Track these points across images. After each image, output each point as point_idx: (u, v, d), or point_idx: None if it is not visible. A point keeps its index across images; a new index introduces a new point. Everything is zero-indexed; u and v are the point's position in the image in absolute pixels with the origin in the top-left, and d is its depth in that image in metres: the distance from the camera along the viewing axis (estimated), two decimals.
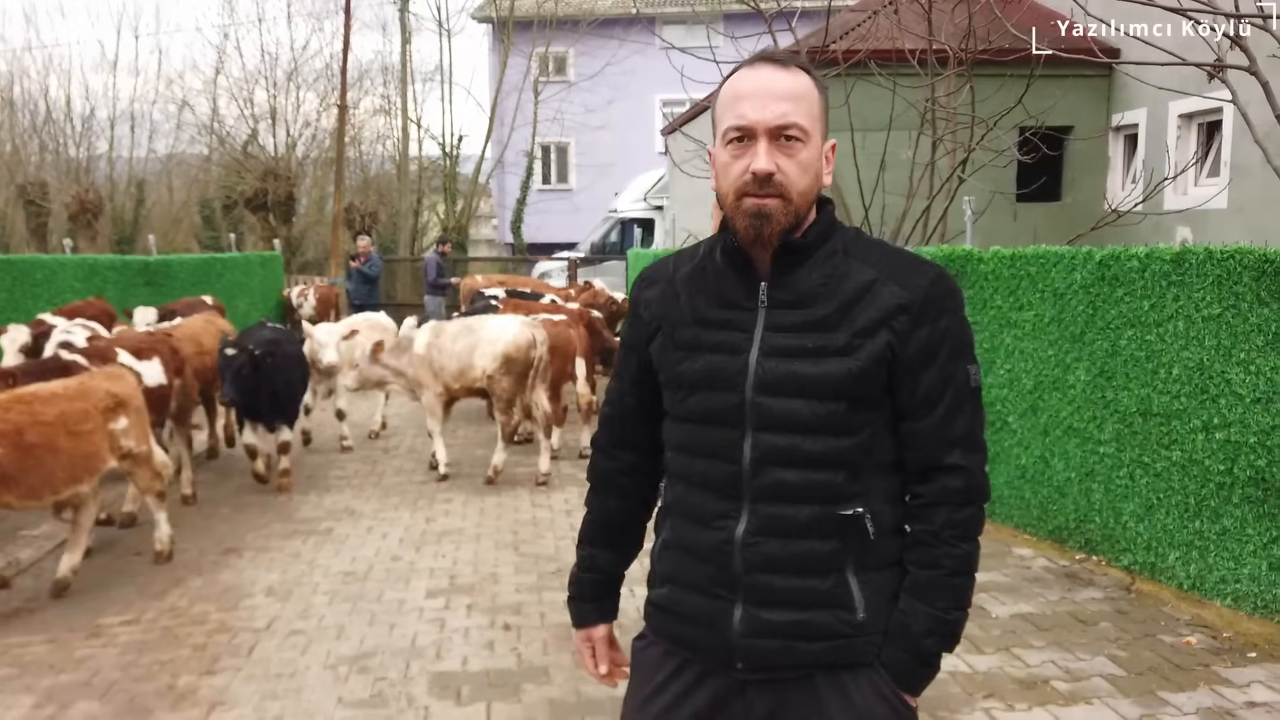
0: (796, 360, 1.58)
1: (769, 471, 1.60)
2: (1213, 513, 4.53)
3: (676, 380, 1.69)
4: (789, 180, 1.57)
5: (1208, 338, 4.53)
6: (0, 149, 28.40)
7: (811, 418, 1.58)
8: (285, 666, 4.10)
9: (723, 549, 1.63)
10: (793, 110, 1.56)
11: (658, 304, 1.74)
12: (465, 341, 7.17)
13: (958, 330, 1.62)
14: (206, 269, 13.96)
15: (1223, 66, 4.89)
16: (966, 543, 1.62)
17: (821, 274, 1.61)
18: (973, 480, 1.62)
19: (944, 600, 1.60)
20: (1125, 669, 3.92)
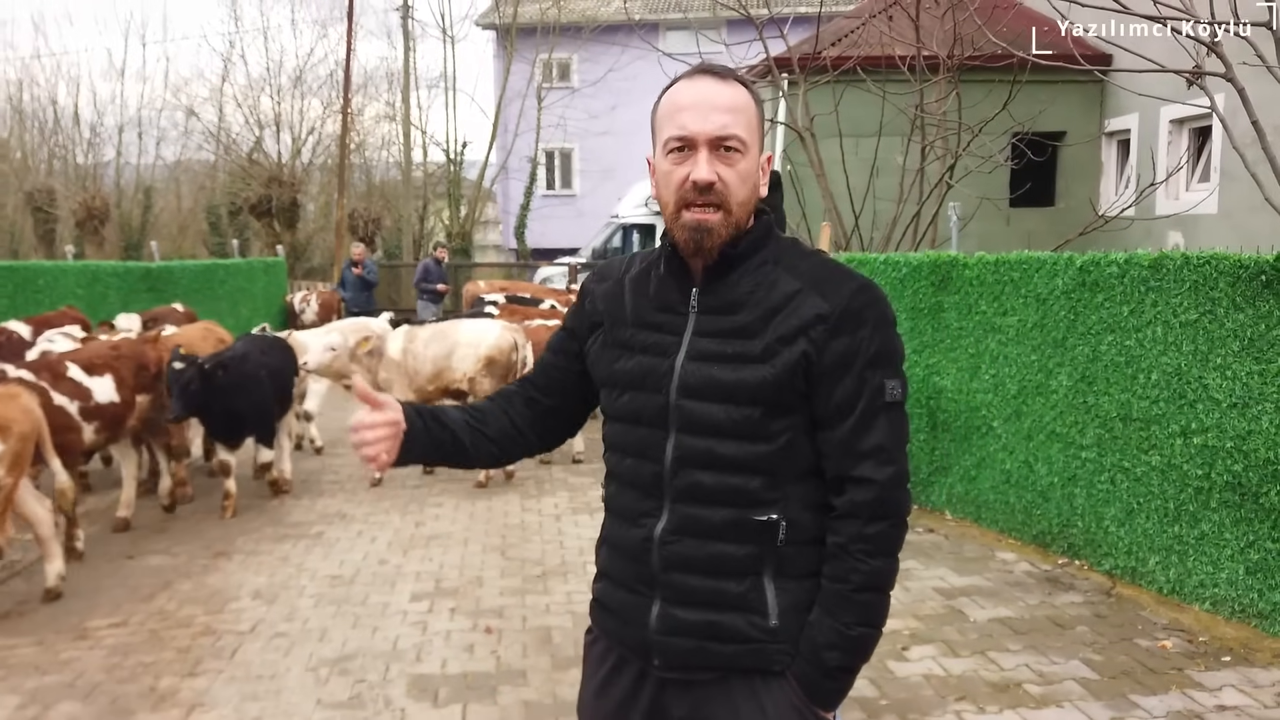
0: (716, 365, 1.61)
1: (687, 473, 1.63)
2: (1191, 517, 4.55)
3: (612, 379, 1.73)
4: (729, 190, 1.59)
5: (1185, 343, 4.55)
6: (9, 156, 28.62)
7: (727, 422, 1.60)
8: (267, 669, 4.15)
9: (644, 546, 1.67)
10: (732, 122, 1.59)
11: (604, 300, 1.79)
12: (440, 345, 7.22)
13: (877, 342, 1.61)
14: (209, 275, 14.06)
15: (1200, 74, 4.92)
16: (876, 558, 1.60)
17: (750, 282, 1.64)
18: (883, 493, 1.60)
19: (848, 615, 1.59)
20: (1099, 672, 3.94)
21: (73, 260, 12.26)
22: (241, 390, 6.35)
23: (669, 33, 24.75)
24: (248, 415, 6.48)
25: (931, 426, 6.35)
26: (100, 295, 11.46)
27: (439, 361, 7.18)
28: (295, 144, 26.62)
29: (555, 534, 6.07)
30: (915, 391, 6.44)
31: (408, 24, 23.99)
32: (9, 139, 29.08)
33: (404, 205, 24.66)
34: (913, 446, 6.53)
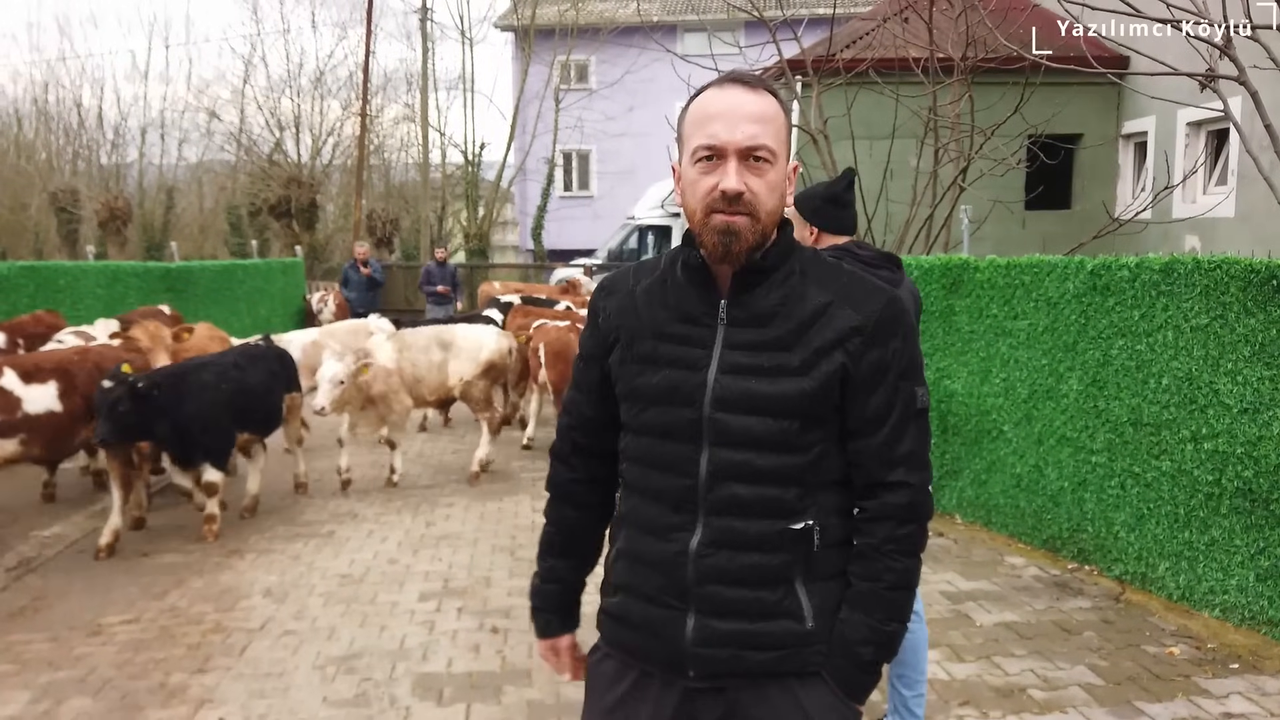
0: (753, 378, 1.62)
1: (724, 486, 1.64)
2: (1201, 523, 4.52)
3: (634, 393, 1.72)
4: (758, 200, 1.61)
5: (1196, 348, 4.52)
6: (34, 157, 29.00)
7: (766, 435, 1.62)
8: (275, 666, 4.19)
9: (676, 560, 1.67)
10: (762, 132, 1.60)
11: (617, 314, 1.76)
12: (439, 351, 7.15)
13: (907, 352, 1.67)
14: (228, 275, 14.19)
15: (1213, 76, 4.88)
16: (907, 558, 1.67)
17: (779, 295, 1.65)
18: (915, 497, 1.67)
19: (881, 612, 1.65)
20: (1104, 678, 3.92)
21: (93, 260, 12.39)
22: (186, 407, 5.77)
23: (686, 35, 24.80)
24: (197, 435, 5.87)
25: (942, 430, 6.33)
26: (120, 295, 11.59)
27: (440, 368, 7.13)
28: (315, 145, 26.85)
29: None
30: None
31: (427, 26, 24.14)
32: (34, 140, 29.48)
33: (422, 206, 24.80)
34: None
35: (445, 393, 7.35)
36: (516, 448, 8.78)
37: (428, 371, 7.12)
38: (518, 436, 9.32)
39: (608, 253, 19.55)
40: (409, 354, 7.06)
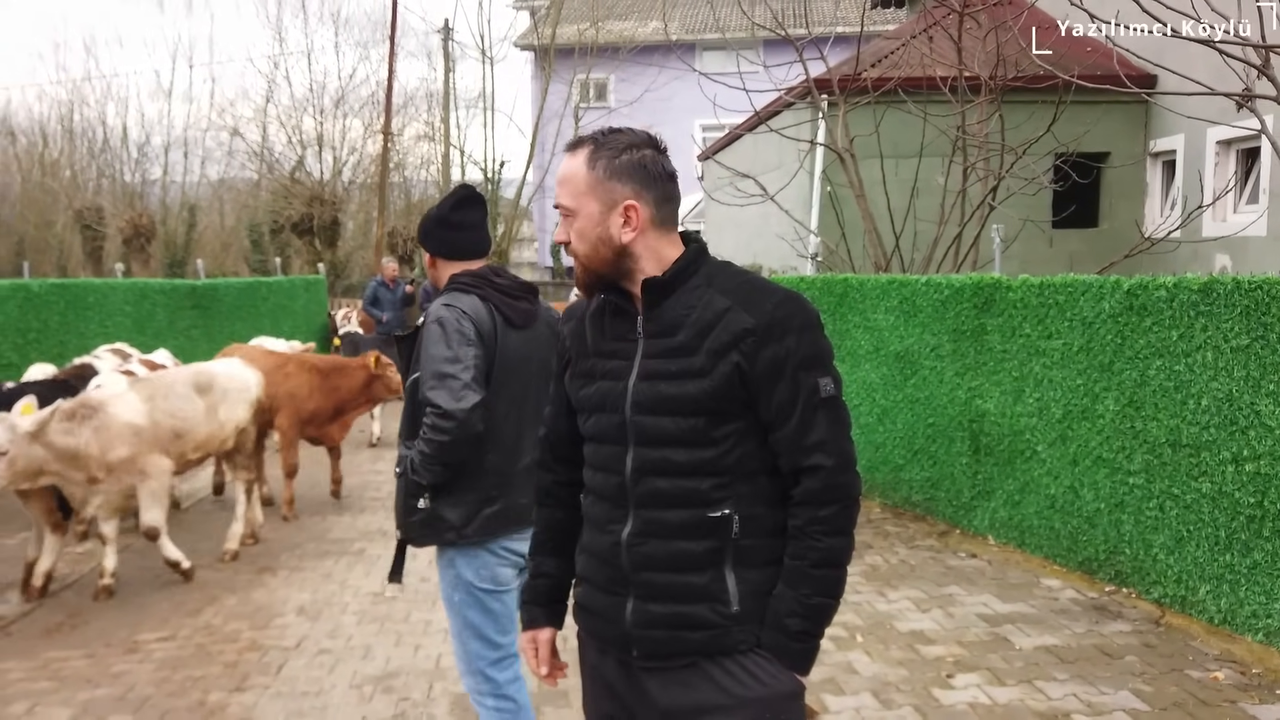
0: (663, 382, 1.81)
1: (646, 481, 1.82)
2: (1243, 546, 4.46)
3: (580, 404, 1.95)
4: (575, 246, 1.87)
5: (1236, 368, 4.48)
6: (59, 174, 29.37)
7: (677, 432, 1.79)
8: (312, 685, 4.19)
9: (614, 550, 1.85)
10: (563, 193, 1.87)
11: (569, 338, 2.00)
12: (197, 398, 5.77)
13: (803, 347, 1.78)
14: (252, 292, 14.31)
15: (1251, 96, 4.86)
16: (830, 537, 1.79)
17: (684, 305, 1.83)
18: (831, 479, 1.79)
19: (807, 587, 1.78)
20: (1149, 704, 3.87)
21: (121, 278, 12.52)
22: None
23: (705, 53, 24.89)
24: None
25: (974, 450, 6.29)
26: (148, 313, 11.70)
27: (208, 416, 5.79)
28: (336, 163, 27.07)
29: None
30: (957, 414, 6.39)
31: (448, 45, 24.34)
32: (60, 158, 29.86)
33: None
34: (955, 469, 6.48)
35: (216, 447, 6.01)
36: None
37: (194, 422, 5.69)
38: None
39: None
40: (163, 403, 5.56)
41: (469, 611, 2.84)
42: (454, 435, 2.64)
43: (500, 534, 2.81)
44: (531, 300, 2.93)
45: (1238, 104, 4.92)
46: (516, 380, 2.84)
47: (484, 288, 2.82)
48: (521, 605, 2.12)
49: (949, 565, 5.74)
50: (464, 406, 2.64)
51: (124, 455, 5.22)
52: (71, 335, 10.12)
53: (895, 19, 16.10)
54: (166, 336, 11.92)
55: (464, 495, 2.77)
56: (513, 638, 2.87)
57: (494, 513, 2.79)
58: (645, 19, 26.53)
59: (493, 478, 2.80)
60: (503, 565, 2.84)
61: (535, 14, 28.16)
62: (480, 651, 2.87)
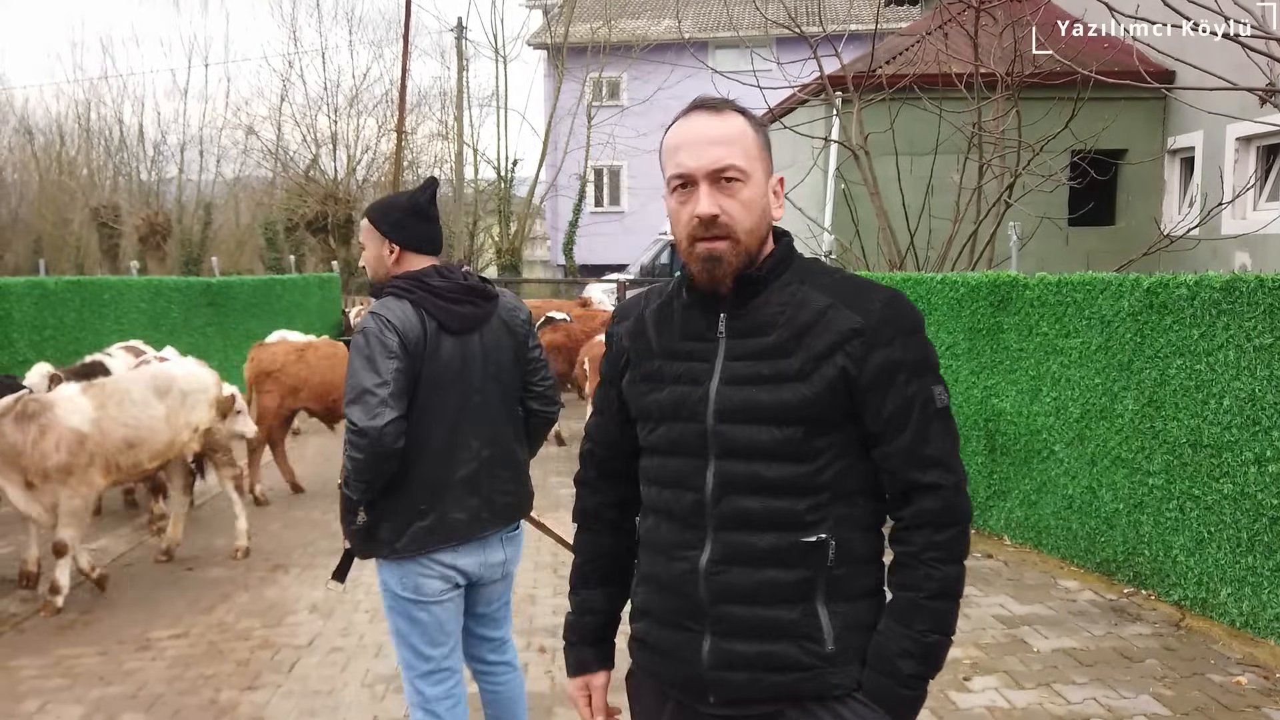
0: (753, 387, 1.61)
1: (731, 499, 1.61)
2: (1266, 548, 4.39)
3: (645, 412, 1.73)
4: (734, 220, 1.60)
5: (1259, 368, 4.41)
6: (76, 173, 29.55)
7: (770, 443, 1.59)
8: (324, 684, 4.18)
9: (688, 579, 1.64)
10: (728, 153, 1.60)
11: (628, 338, 1.79)
12: (156, 402, 5.45)
13: (915, 351, 1.62)
14: (266, 290, 14.34)
15: (1274, 91, 4.79)
16: (948, 565, 1.61)
17: (777, 303, 1.65)
18: (950, 500, 1.61)
19: (922, 623, 1.59)
20: (1170, 708, 3.81)
21: (137, 275, 12.57)
22: None
23: (719, 51, 24.81)
24: None
25: (990, 449, 6.23)
26: (163, 310, 11.74)
27: (167, 421, 5.46)
28: (350, 162, 27.12)
29: None
30: (973, 413, 6.33)
31: (461, 44, 24.36)
32: (76, 156, 30.05)
33: (455, 222, 24.96)
34: (970, 469, 6.41)
35: (175, 453, 5.64)
36: (554, 463, 8.76)
37: (151, 429, 5.35)
38: (555, 451, 9.32)
39: (639, 268, 19.58)
40: (116, 410, 5.21)
41: (396, 619, 2.79)
42: (368, 453, 2.54)
43: (430, 548, 2.70)
44: (478, 303, 2.77)
45: (1261, 99, 4.85)
46: (452, 389, 2.70)
47: (417, 292, 2.67)
48: (568, 647, 1.90)
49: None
50: (377, 424, 2.52)
51: (62, 463, 4.90)
52: (87, 333, 10.16)
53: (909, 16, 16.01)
54: (181, 334, 11.96)
55: (393, 509, 2.68)
56: (443, 651, 2.81)
57: (425, 527, 2.68)
58: (658, 17, 26.48)
59: (421, 491, 2.68)
60: (428, 577, 2.72)
61: (548, 12, 28.16)
62: (410, 661, 2.81)
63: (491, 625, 3.02)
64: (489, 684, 3.08)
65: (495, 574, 2.90)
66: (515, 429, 2.92)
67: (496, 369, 2.80)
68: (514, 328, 2.87)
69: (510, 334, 2.85)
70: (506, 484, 2.84)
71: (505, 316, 2.84)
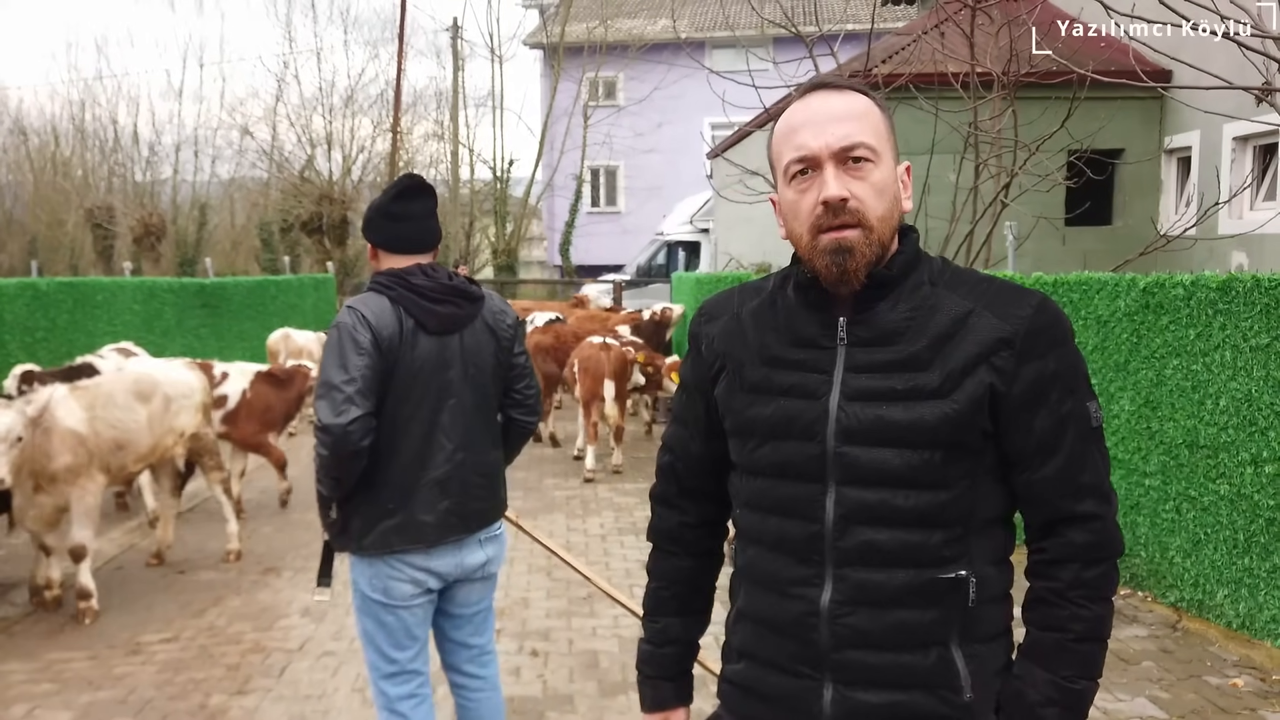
0: (884, 404, 1.41)
1: (856, 531, 1.42)
2: (1263, 549, 4.37)
3: (746, 427, 1.52)
4: (865, 205, 1.41)
5: (1256, 368, 4.39)
6: (71, 174, 29.49)
7: (904, 469, 1.40)
8: (315, 688, 4.14)
9: (806, 621, 1.45)
10: (856, 129, 1.41)
11: (721, 340, 1.58)
12: (140, 406, 5.37)
13: (1070, 364, 1.44)
14: (261, 291, 14.32)
15: (1270, 90, 4.77)
16: (1098, 604, 1.43)
17: (908, 307, 1.45)
18: (1105, 533, 1.44)
19: (1069, 668, 1.42)
20: (1167, 711, 3.79)
21: (130, 276, 12.53)
22: None
23: (716, 50, 24.80)
24: None
25: None
26: (156, 311, 11.71)
27: (152, 425, 5.40)
28: (346, 162, 27.08)
29: (601, 554, 6.03)
30: None
31: (457, 44, 24.33)
32: (71, 157, 29.98)
33: (451, 222, 24.92)
34: None
35: (158, 457, 5.60)
36: (550, 465, 8.74)
37: (137, 433, 5.30)
38: (550, 454, 9.29)
39: (636, 268, 19.54)
40: (104, 413, 5.16)
41: (363, 618, 2.76)
42: (332, 450, 2.51)
43: (398, 548, 2.66)
44: (460, 304, 2.72)
45: (1257, 98, 4.83)
46: (428, 389, 2.66)
47: (397, 289, 2.64)
48: (644, 680, 1.71)
49: None
50: (341, 421, 2.48)
51: (68, 464, 4.86)
52: (80, 334, 10.12)
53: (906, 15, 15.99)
54: (175, 335, 11.93)
55: (361, 506, 2.66)
56: (409, 654, 2.79)
57: (392, 526, 2.65)
58: (654, 17, 26.46)
59: (389, 490, 2.65)
60: (398, 580, 2.69)
61: (544, 12, 28.13)
62: (374, 662, 2.79)
63: (471, 630, 2.96)
64: (465, 698, 3.01)
65: (474, 575, 2.85)
66: (493, 434, 2.87)
67: (476, 372, 2.75)
68: (498, 332, 2.82)
69: (494, 338, 2.80)
70: (479, 490, 2.79)
71: (490, 320, 2.80)
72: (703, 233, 18.23)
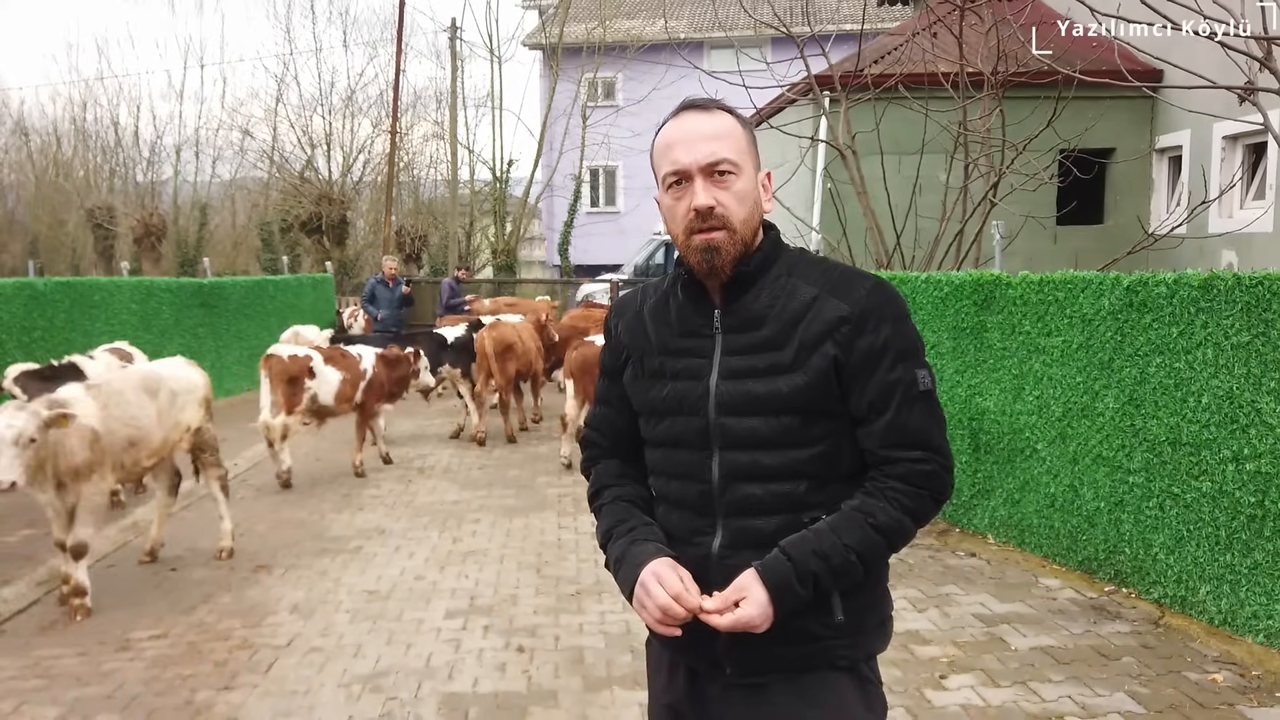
0: (750, 380, 1.67)
1: (736, 487, 1.68)
2: (1244, 545, 4.40)
3: (648, 407, 1.79)
4: (729, 211, 1.66)
5: (1237, 365, 4.42)
6: (72, 174, 29.55)
7: (769, 433, 1.65)
8: (301, 684, 4.18)
9: (703, 563, 1.69)
10: (720, 147, 1.66)
11: (626, 334, 1.85)
12: (149, 401, 5.48)
13: (900, 336, 1.67)
14: (259, 291, 14.35)
15: (1253, 89, 4.79)
16: (905, 515, 1.65)
17: (769, 296, 1.70)
18: (932, 474, 1.66)
19: (853, 539, 1.61)
20: (1144, 705, 3.81)
21: (127, 276, 12.56)
22: None
23: (713, 51, 24.84)
24: None
25: (974, 448, 6.23)
26: (154, 311, 11.74)
27: (162, 420, 5.53)
28: (345, 162, 27.13)
29: (591, 552, 6.06)
30: (957, 412, 6.33)
31: (456, 45, 24.35)
32: (72, 158, 30.06)
33: (450, 222, 24.95)
34: (955, 468, 6.39)
35: (168, 451, 5.71)
36: (543, 463, 8.77)
37: (149, 428, 5.42)
38: (543, 452, 9.32)
39: (634, 268, 19.57)
40: (118, 410, 5.23)
41: None
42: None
43: None
44: None
45: (1240, 97, 4.85)
46: None
47: None
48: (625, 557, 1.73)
49: (947, 564, 5.68)
50: None
51: (87, 459, 4.92)
52: (77, 334, 10.15)
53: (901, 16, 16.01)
54: (173, 335, 11.97)
55: None
56: None
57: None
58: (653, 17, 26.48)
59: None
60: None
61: (543, 13, 28.16)
62: None
63: None
64: None
65: None
66: None
67: None
68: None
69: None
70: None
71: None
72: None
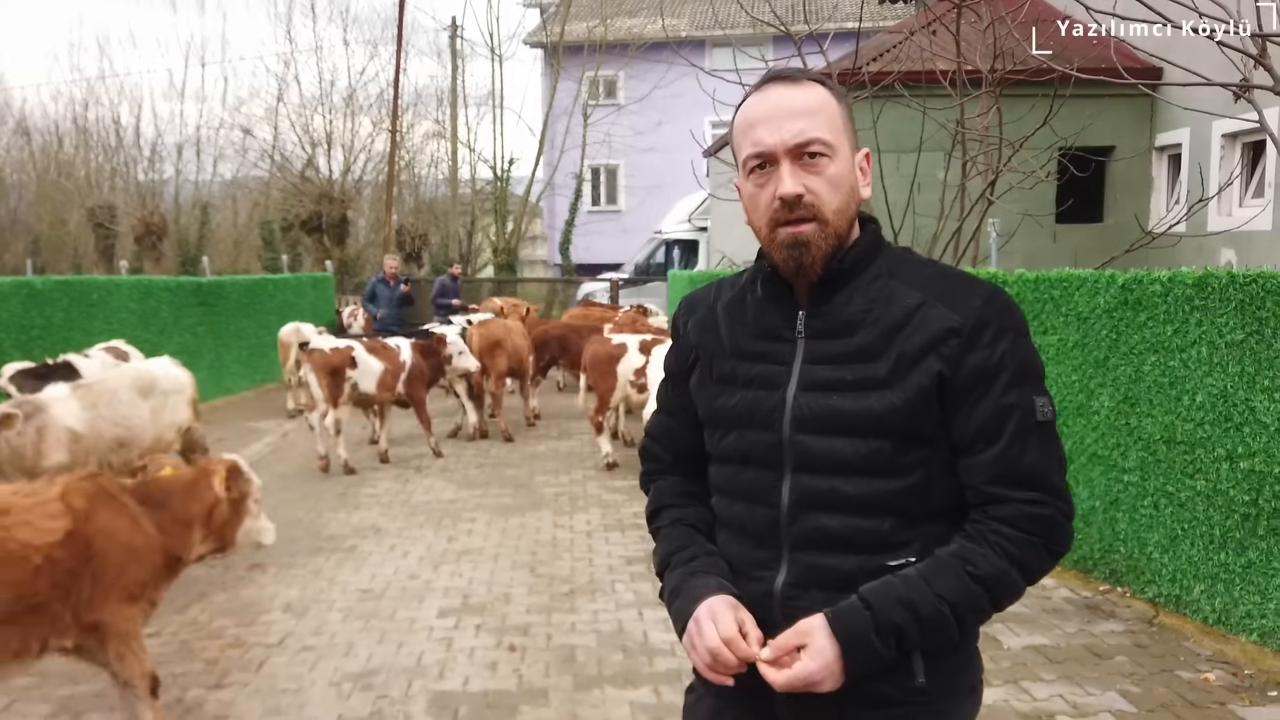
0: (835, 394, 1.45)
1: (809, 517, 1.46)
2: (1238, 544, 4.38)
3: (714, 417, 1.58)
4: (820, 200, 1.45)
5: (1231, 364, 4.40)
6: (73, 173, 29.58)
7: (854, 457, 1.43)
8: (292, 682, 4.17)
9: (763, 602, 1.48)
10: (811, 125, 1.44)
11: (697, 332, 1.63)
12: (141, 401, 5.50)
13: (1018, 354, 1.43)
14: (259, 290, 14.36)
15: (1248, 86, 4.77)
16: (1011, 565, 1.40)
17: (864, 299, 1.48)
18: (1045, 519, 1.41)
19: (947, 590, 1.38)
20: (1136, 705, 3.80)
21: (126, 275, 12.56)
22: None
23: (715, 49, 24.81)
24: None
25: None
26: (153, 310, 11.75)
27: (153, 420, 5.56)
28: (346, 161, 27.14)
29: (585, 551, 6.05)
30: None
31: (457, 43, 24.36)
32: (74, 157, 30.08)
33: (451, 221, 24.96)
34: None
35: (161, 450, 5.71)
36: (541, 462, 8.76)
37: (139, 428, 5.45)
38: (542, 450, 9.31)
39: (635, 267, 19.56)
40: (105, 410, 5.25)
41: None
42: None
43: None
44: None
45: (1236, 95, 4.83)
46: None
47: None
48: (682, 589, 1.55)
49: None
50: None
51: (60, 462, 4.81)
52: (75, 332, 10.16)
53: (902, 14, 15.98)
54: (172, 334, 11.97)
55: None
56: None
57: None
58: (654, 16, 26.46)
59: None
60: None
61: (544, 11, 28.16)
62: None
63: None
64: None
65: None
66: None
67: None
68: None
69: None
70: None
71: None
72: (701, 231, 18.25)
